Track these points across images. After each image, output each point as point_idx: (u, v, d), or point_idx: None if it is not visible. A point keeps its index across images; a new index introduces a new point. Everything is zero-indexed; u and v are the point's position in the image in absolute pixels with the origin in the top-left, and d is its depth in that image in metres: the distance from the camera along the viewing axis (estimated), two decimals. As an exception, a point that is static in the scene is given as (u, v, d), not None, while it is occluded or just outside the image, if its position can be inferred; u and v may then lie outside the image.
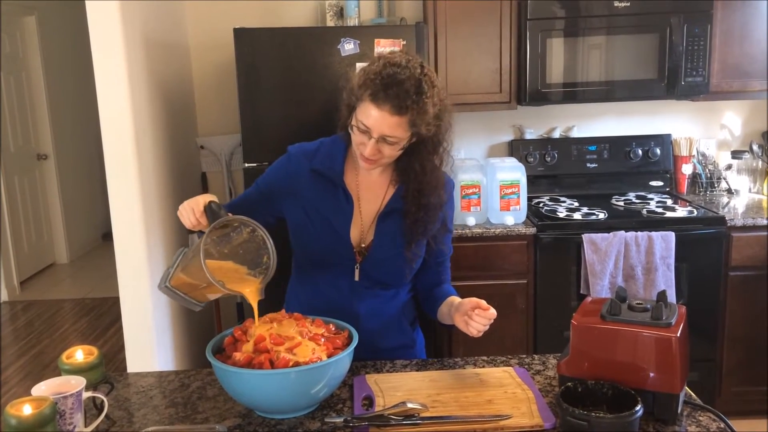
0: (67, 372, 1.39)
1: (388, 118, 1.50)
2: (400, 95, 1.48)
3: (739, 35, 3.10)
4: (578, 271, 2.91)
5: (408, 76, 1.49)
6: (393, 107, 1.49)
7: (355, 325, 1.64)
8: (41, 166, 6.15)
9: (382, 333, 1.74)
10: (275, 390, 1.33)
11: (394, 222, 1.67)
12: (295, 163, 1.72)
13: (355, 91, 1.56)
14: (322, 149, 1.71)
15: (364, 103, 1.52)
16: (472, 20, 3.07)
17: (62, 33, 6.34)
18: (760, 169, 3.44)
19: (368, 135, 1.53)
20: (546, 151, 3.40)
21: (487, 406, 1.40)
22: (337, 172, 1.68)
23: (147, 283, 2.69)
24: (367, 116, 1.52)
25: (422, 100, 1.50)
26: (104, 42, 2.52)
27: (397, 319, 1.77)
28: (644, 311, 1.37)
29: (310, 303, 1.74)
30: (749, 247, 2.96)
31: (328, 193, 1.68)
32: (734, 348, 3.04)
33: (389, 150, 1.56)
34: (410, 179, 1.64)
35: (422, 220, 1.65)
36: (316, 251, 1.70)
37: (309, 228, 1.69)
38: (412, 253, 1.67)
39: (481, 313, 1.52)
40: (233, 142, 3.47)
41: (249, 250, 1.49)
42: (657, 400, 1.31)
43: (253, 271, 1.49)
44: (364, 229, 1.69)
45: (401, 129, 1.52)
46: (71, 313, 5.05)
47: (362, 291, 1.70)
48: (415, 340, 1.83)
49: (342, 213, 1.67)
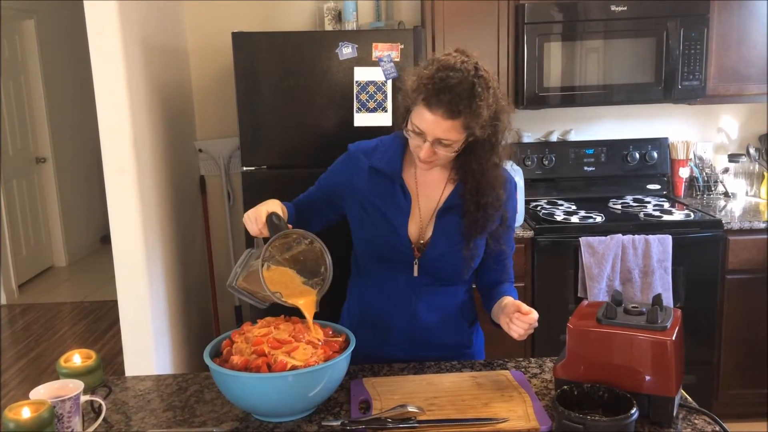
0: (65, 375, 1.39)
1: (441, 123, 1.51)
2: (453, 100, 1.48)
3: (735, 39, 3.11)
4: (576, 274, 2.92)
5: (461, 80, 1.49)
6: (446, 112, 1.49)
7: (413, 320, 1.69)
8: (40, 169, 6.16)
9: (439, 330, 1.75)
10: (273, 393, 1.34)
11: (452, 219, 1.68)
12: (354, 161, 1.75)
13: (409, 95, 1.58)
14: (380, 147, 1.74)
15: (418, 107, 1.54)
16: (470, 24, 3.08)
17: (61, 36, 6.35)
18: (756, 172, 3.45)
19: (423, 138, 1.55)
20: (543, 154, 3.41)
21: (484, 409, 1.41)
22: (396, 170, 1.70)
23: (145, 287, 2.69)
24: (421, 120, 1.53)
25: (475, 103, 1.50)
26: (103, 46, 2.53)
27: (455, 317, 1.77)
28: (640, 315, 1.37)
29: (370, 299, 1.76)
30: (746, 251, 2.96)
31: (386, 190, 1.70)
32: (731, 351, 3.05)
33: (444, 152, 1.57)
34: (468, 178, 1.65)
35: (481, 219, 1.65)
36: (375, 247, 1.71)
37: (367, 223, 1.71)
38: (470, 251, 1.68)
39: (520, 317, 1.53)
40: (231, 145, 3.48)
41: (309, 259, 1.55)
42: (652, 403, 1.32)
43: (311, 281, 1.53)
44: (423, 226, 1.70)
45: (455, 132, 1.53)
46: (69, 317, 5.05)
47: (420, 287, 1.71)
48: (472, 341, 1.83)
49: (400, 209, 1.69)
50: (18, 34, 5.82)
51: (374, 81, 2.69)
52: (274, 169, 2.78)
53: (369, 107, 2.70)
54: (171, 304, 2.98)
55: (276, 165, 2.78)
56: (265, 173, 2.78)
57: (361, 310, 1.78)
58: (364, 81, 2.69)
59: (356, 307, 1.80)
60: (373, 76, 2.69)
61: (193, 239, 3.44)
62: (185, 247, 3.25)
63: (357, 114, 2.71)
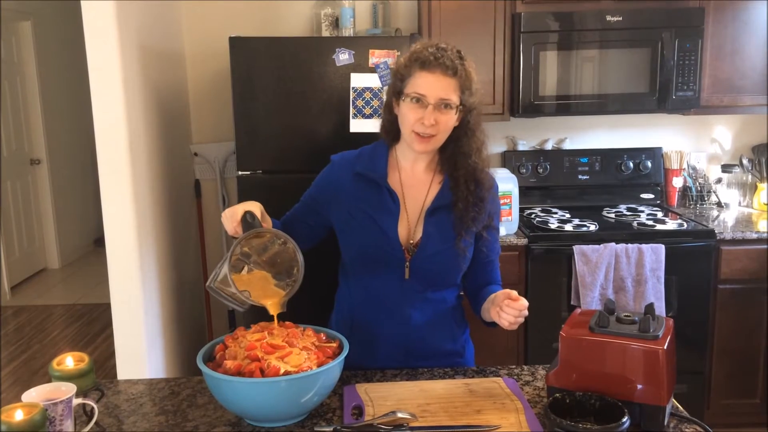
0: (57, 378, 1.39)
1: (442, 80, 1.60)
2: (449, 59, 1.61)
3: (730, 50, 3.14)
4: (569, 282, 2.93)
5: (449, 48, 1.64)
6: (444, 68, 1.60)
7: (406, 328, 1.69)
8: (34, 171, 6.14)
9: (433, 337, 1.75)
10: (265, 398, 1.33)
11: (440, 218, 1.70)
12: (338, 170, 1.77)
13: (401, 71, 1.66)
14: (363, 154, 1.77)
15: (415, 75, 1.62)
16: (467, 32, 3.09)
17: (57, 38, 6.34)
18: (749, 183, 3.48)
19: (424, 104, 1.61)
20: (538, 162, 3.43)
21: (476, 417, 1.41)
22: (381, 174, 1.72)
23: (139, 290, 2.69)
24: (421, 84, 1.61)
25: (466, 64, 1.64)
26: (100, 48, 2.53)
27: (449, 324, 1.78)
28: (632, 323, 1.38)
29: (361, 308, 1.76)
30: (738, 261, 2.98)
31: (373, 195, 1.71)
32: (723, 360, 3.06)
33: (445, 119, 1.62)
34: (456, 167, 1.69)
35: (471, 209, 1.68)
36: (365, 252, 1.72)
37: (356, 229, 1.71)
38: (462, 246, 1.69)
39: (510, 304, 1.52)
40: (227, 149, 3.48)
41: (284, 260, 1.56)
42: (644, 412, 1.33)
43: (283, 282, 1.54)
44: (411, 227, 1.71)
45: (453, 93, 1.61)
46: (62, 319, 5.03)
47: (412, 293, 1.71)
48: (464, 348, 1.83)
49: (388, 212, 1.70)
50: (14, 35, 5.82)
51: (370, 87, 2.70)
52: (269, 174, 2.78)
53: (365, 113, 2.71)
54: (164, 307, 2.97)
55: (271, 170, 2.79)
56: (261, 178, 2.78)
57: (353, 320, 1.77)
58: (361, 87, 2.70)
59: (347, 317, 1.79)
60: (370, 82, 2.70)
61: (188, 243, 3.43)
62: (179, 251, 3.25)
63: (353, 120, 2.72)
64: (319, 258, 1.80)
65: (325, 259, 1.87)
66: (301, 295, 1.55)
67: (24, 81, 5.97)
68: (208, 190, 3.61)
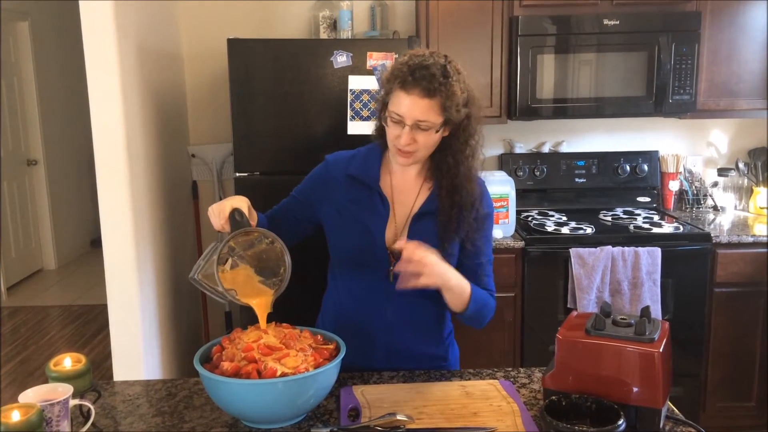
0: (54, 379, 1.39)
1: (418, 102, 1.54)
2: (428, 78, 1.53)
3: (726, 55, 3.15)
4: (565, 285, 2.93)
5: (433, 63, 1.56)
6: (422, 90, 1.54)
7: (390, 330, 1.68)
8: (31, 171, 6.13)
9: (416, 340, 1.75)
10: (262, 400, 1.34)
11: (427, 224, 1.69)
12: (332, 170, 1.77)
13: (384, 86, 1.62)
14: (358, 156, 1.77)
15: (395, 93, 1.58)
16: (464, 35, 3.10)
17: (55, 39, 6.34)
18: (745, 186, 3.49)
19: (402, 124, 1.58)
20: (535, 165, 3.43)
21: (473, 419, 1.41)
22: (374, 178, 1.72)
23: (135, 291, 2.68)
24: (399, 104, 1.57)
25: (449, 82, 1.55)
26: (98, 48, 2.53)
27: (432, 328, 1.78)
28: (628, 326, 1.39)
29: (348, 309, 1.76)
30: (734, 264, 2.99)
31: (363, 198, 1.71)
32: (719, 364, 3.07)
33: (424, 138, 1.59)
34: (443, 174, 1.67)
35: (455, 218, 1.67)
36: (351, 253, 1.72)
37: (344, 230, 1.72)
38: (446, 254, 1.66)
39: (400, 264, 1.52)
40: (225, 151, 3.48)
41: (270, 258, 1.55)
42: (639, 415, 1.33)
43: (269, 281, 1.53)
44: (398, 232, 1.71)
45: (433, 113, 1.56)
46: (58, 320, 5.02)
47: (397, 297, 1.69)
48: (448, 352, 1.83)
49: (377, 215, 1.70)
50: (12, 35, 5.81)
51: (368, 90, 2.71)
52: (266, 175, 2.79)
53: (363, 115, 2.72)
54: (161, 308, 2.97)
55: (269, 171, 2.79)
56: (258, 179, 2.79)
57: (339, 320, 1.77)
58: (359, 89, 2.71)
59: (333, 318, 1.79)
60: (368, 84, 2.71)
61: (184, 244, 3.43)
62: (176, 252, 3.24)
63: (351, 122, 2.72)
64: (308, 260, 1.81)
65: (314, 261, 1.88)
66: (288, 296, 1.55)
67: (21, 81, 5.96)
68: (205, 191, 3.61)
